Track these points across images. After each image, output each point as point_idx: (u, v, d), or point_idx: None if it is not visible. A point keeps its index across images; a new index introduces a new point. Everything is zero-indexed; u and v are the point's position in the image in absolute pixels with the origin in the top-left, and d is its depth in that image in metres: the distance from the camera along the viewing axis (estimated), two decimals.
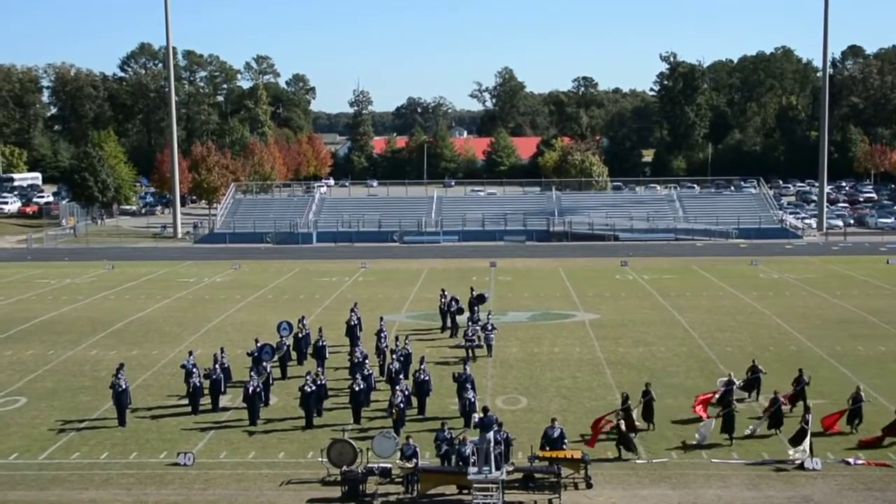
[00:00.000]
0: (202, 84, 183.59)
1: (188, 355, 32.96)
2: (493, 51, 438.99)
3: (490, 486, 22.90)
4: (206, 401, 31.33)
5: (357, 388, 29.89)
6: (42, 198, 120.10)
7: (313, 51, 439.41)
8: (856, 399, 28.49)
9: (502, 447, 24.00)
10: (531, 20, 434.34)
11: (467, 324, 39.95)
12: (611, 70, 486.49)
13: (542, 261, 70.67)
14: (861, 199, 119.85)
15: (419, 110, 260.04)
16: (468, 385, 29.70)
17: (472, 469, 23.42)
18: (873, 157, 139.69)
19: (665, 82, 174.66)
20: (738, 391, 30.72)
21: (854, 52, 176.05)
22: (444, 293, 44.73)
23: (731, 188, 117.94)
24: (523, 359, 38.04)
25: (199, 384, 31.22)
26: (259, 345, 34.65)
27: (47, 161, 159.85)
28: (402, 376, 31.78)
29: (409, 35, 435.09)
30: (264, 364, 32.76)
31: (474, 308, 42.83)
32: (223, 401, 31.62)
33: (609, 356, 38.35)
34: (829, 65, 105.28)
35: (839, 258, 69.91)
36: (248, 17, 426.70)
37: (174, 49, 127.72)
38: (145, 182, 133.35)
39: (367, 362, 33.12)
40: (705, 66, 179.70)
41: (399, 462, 24.56)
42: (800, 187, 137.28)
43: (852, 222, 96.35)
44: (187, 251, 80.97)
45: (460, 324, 42.18)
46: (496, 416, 25.47)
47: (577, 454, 24.93)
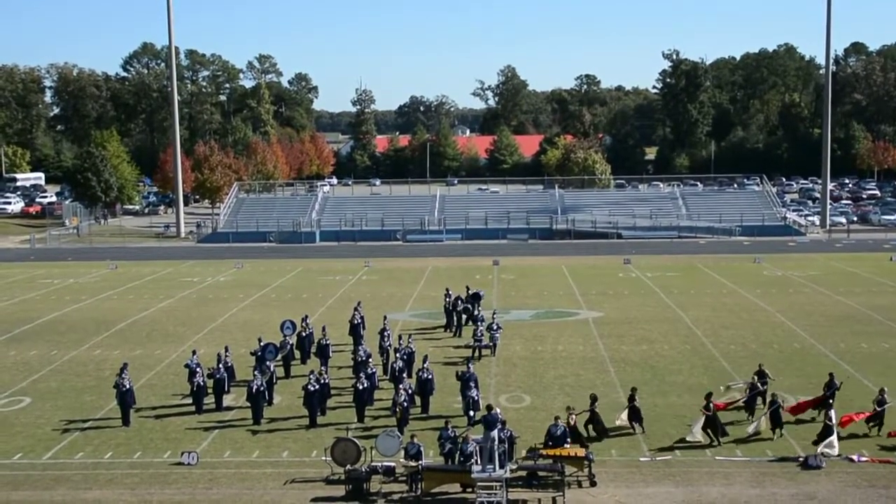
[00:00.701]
0: (205, 83, 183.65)
1: (192, 355, 32.99)
2: (496, 49, 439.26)
3: (494, 484, 22.91)
4: (209, 400, 31.35)
5: (360, 387, 29.90)
6: (45, 198, 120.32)
7: (315, 50, 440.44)
8: (881, 402, 28.04)
9: (506, 445, 23.99)
10: (534, 18, 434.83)
11: (475, 324, 39.71)
12: (613, 68, 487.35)
13: (545, 259, 70.66)
14: (864, 196, 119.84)
15: (422, 109, 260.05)
16: (471, 383, 29.69)
17: (476, 467, 23.42)
18: (876, 153, 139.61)
19: (668, 80, 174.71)
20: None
21: (857, 49, 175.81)
22: (449, 292, 44.74)
23: (734, 185, 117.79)
24: (527, 357, 38.03)
25: (202, 383, 31.23)
26: (262, 344, 34.63)
27: (50, 161, 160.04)
28: (405, 375, 31.77)
29: (411, 33, 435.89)
30: (268, 363, 32.76)
31: (473, 307, 42.87)
32: (227, 400, 31.63)
33: (612, 354, 38.34)
34: (831, 62, 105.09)
35: (842, 255, 69.86)
36: (250, 16, 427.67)
37: (177, 49, 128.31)
38: (148, 182, 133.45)
39: (370, 361, 33.12)
40: (708, 63, 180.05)
41: (403, 461, 24.56)
42: (803, 184, 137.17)
43: (855, 219, 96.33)
44: (190, 251, 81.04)
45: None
46: (500, 413, 25.48)
47: (581, 452, 24.90)
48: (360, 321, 39.55)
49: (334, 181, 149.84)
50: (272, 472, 25.62)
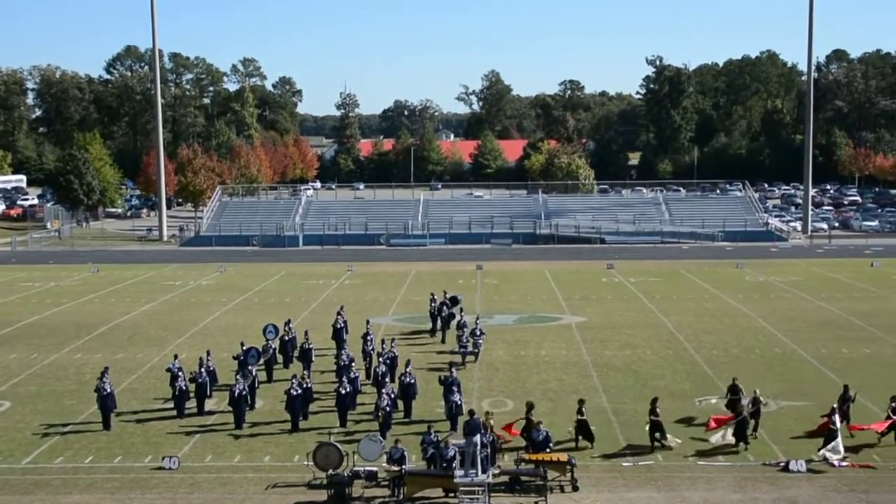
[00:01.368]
0: (188, 86, 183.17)
1: (174, 359, 32.85)
2: (480, 54, 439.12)
3: (476, 489, 22.91)
4: (191, 404, 31.22)
5: (343, 392, 29.83)
6: (27, 200, 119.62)
7: (300, 53, 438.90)
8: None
9: (488, 450, 24.00)
10: (518, 23, 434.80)
11: (459, 330, 39.52)
12: (597, 73, 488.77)
13: (528, 263, 70.74)
14: (845, 203, 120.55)
15: (406, 113, 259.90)
16: (454, 388, 29.67)
17: (459, 472, 23.42)
18: (857, 160, 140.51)
19: (651, 86, 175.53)
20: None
21: (838, 56, 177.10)
22: (434, 297, 44.71)
23: (717, 191, 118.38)
24: (509, 361, 38.04)
25: (184, 388, 31.10)
26: (245, 348, 34.50)
27: (32, 163, 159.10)
28: (388, 379, 31.74)
29: (395, 38, 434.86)
30: (250, 367, 32.60)
31: (456, 313, 42.78)
32: (209, 404, 31.52)
33: (595, 359, 38.40)
34: (813, 69, 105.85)
35: (824, 261, 70.25)
36: (234, 19, 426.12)
37: (160, 51, 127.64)
38: (131, 185, 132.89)
39: (353, 365, 33.04)
40: (691, 69, 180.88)
41: (385, 465, 24.52)
42: (785, 190, 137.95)
43: (837, 225, 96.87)
44: (173, 254, 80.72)
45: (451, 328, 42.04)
46: (482, 419, 25.49)
47: (563, 457, 24.93)
48: (342, 325, 39.51)
49: (318, 185, 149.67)
50: (254, 476, 25.51)
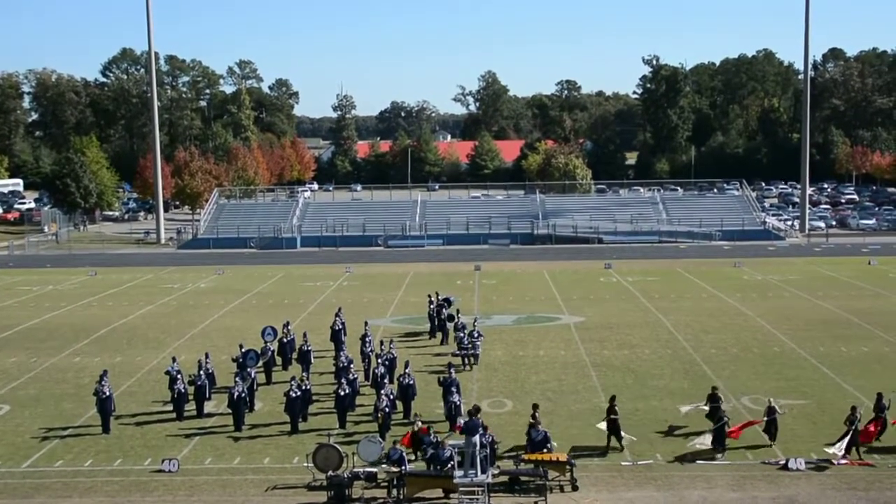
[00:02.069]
0: (185, 89, 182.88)
1: (172, 361, 32.84)
2: (477, 55, 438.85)
3: (476, 489, 22.92)
4: (190, 407, 31.23)
5: (342, 393, 29.85)
6: (24, 204, 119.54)
7: (296, 55, 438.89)
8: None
9: (487, 450, 24.01)
10: (514, 24, 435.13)
11: (457, 331, 39.43)
12: (594, 73, 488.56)
13: (526, 264, 70.77)
14: (843, 201, 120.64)
15: (403, 114, 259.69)
16: (453, 389, 29.72)
17: (458, 472, 23.43)
18: (854, 158, 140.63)
19: (648, 85, 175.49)
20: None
21: (835, 54, 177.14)
22: (432, 298, 44.71)
23: (714, 190, 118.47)
24: (508, 362, 38.06)
25: (183, 390, 31.12)
26: (244, 350, 34.51)
27: (29, 167, 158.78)
28: (386, 380, 31.76)
29: (392, 39, 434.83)
30: (249, 369, 32.64)
31: (451, 314, 42.72)
32: (208, 407, 31.52)
33: (594, 359, 38.42)
34: (810, 67, 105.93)
35: (822, 259, 70.30)
36: (230, 21, 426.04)
37: (156, 54, 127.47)
38: (128, 188, 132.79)
39: (351, 367, 33.05)
40: (688, 69, 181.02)
41: (384, 466, 24.53)
42: (782, 189, 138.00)
43: (834, 224, 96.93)
44: (171, 257, 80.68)
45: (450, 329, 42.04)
46: (481, 419, 25.48)
47: (563, 457, 24.98)
48: (341, 327, 39.51)
49: (315, 187, 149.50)
50: (254, 478, 25.52)
